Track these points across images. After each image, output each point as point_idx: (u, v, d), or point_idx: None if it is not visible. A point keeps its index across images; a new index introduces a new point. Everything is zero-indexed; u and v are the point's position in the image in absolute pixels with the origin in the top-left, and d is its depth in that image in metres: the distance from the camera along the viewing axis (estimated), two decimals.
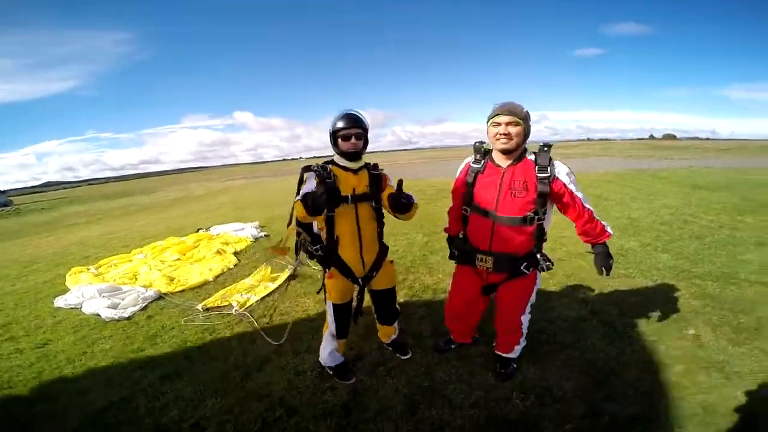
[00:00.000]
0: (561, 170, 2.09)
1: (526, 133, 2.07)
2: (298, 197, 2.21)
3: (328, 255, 2.41)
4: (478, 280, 2.42)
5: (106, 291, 4.55)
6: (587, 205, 2.16)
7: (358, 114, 2.33)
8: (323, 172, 2.24)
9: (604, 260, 2.21)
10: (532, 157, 2.13)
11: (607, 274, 2.21)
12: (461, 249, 2.39)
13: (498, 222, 2.14)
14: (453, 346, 2.96)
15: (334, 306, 2.54)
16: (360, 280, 2.51)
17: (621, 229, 6.52)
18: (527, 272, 2.25)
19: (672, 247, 5.36)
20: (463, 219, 2.37)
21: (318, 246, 2.42)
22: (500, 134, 2.04)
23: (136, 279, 5.23)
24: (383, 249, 2.58)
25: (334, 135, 2.30)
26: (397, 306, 2.86)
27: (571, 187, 2.10)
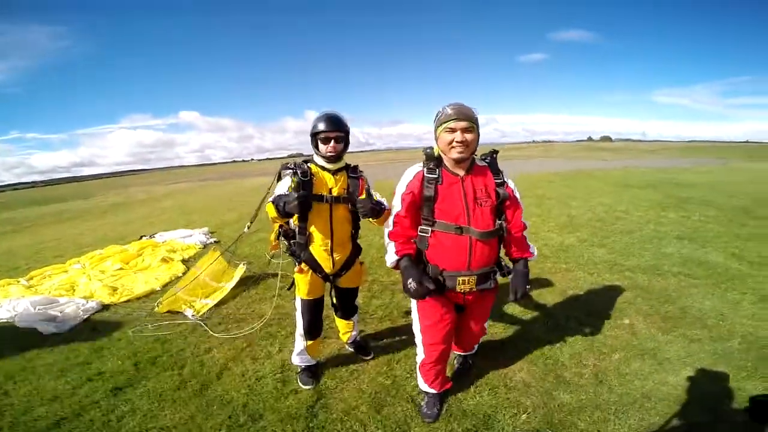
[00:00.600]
0: (508, 176, 2.09)
1: (478, 138, 1.93)
2: (271, 198, 2.24)
3: (300, 250, 2.44)
4: (451, 304, 2.18)
5: (41, 303, 4.20)
6: (523, 218, 2.16)
7: (338, 116, 2.34)
8: (300, 170, 2.26)
9: (524, 281, 2.05)
10: (481, 163, 2.07)
11: (518, 299, 2.05)
12: (436, 277, 2.01)
13: (475, 237, 1.93)
14: (441, 407, 2.46)
15: (303, 301, 2.57)
16: (330, 277, 2.55)
17: (561, 226, 6.99)
18: (496, 281, 2.16)
19: (606, 242, 5.83)
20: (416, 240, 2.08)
21: (292, 241, 2.46)
22: (457, 142, 1.86)
23: (74, 290, 4.89)
24: (356, 249, 2.64)
25: (315, 137, 2.32)
26: (356, 303, 2.93)
27: (517, 194, 2.09)
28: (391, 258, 2.07)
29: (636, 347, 3.03)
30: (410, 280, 1.89)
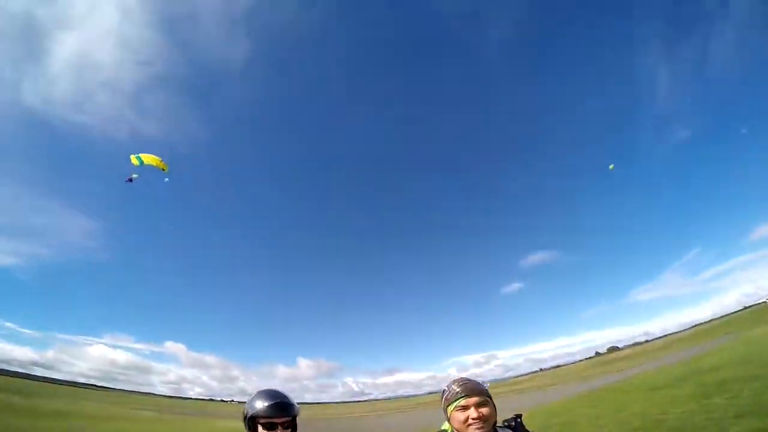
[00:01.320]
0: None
1: (495, 409, 1.78)
2: None
3: None
4: None
5: None
6: None
7: (287, 400, 1.84)
8: None
9: None
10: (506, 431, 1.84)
11: None
12: None
13: None
14: None
15: None
16: None
17: None
18: None
19: None
20: None
21: None
22: (472, 419, 1.69)
23: None
24: None
25: (253, 420, 1.79)
26: None
27: None
28: None
29: None
30: None
